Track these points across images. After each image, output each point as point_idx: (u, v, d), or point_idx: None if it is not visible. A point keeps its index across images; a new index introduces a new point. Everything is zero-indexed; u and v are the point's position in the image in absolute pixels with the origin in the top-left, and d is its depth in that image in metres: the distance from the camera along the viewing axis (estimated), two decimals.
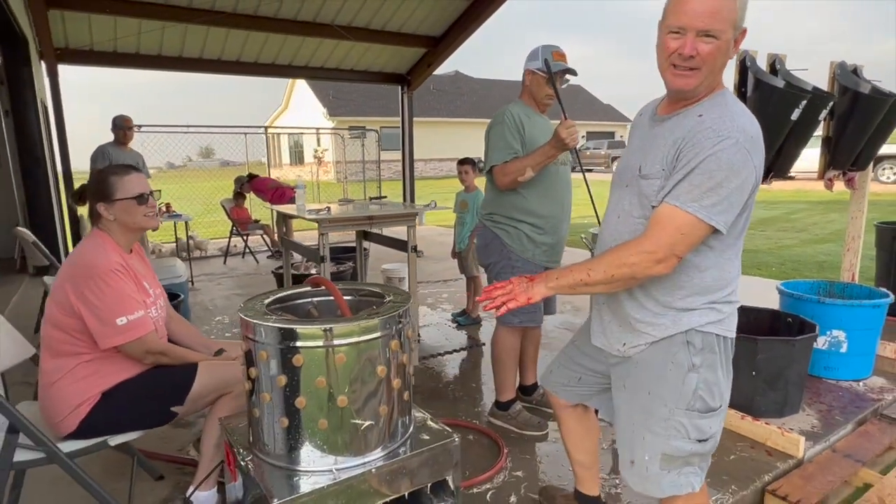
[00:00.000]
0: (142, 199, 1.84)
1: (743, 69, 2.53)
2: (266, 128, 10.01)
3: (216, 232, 9.28)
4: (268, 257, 7.33)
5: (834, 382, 3.04)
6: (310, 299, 1.88)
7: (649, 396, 1.46)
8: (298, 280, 3.86)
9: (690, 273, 1.39)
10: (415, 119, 9.99)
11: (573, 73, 2.35)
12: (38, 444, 1.65)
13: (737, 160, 1.26)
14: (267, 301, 1.67)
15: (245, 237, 7.23)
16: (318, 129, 15.19)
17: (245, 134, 9.36)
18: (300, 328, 1.44)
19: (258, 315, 1.53)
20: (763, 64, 2.73)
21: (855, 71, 3.03)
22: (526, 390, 2.84)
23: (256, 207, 8.14)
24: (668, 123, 1.42)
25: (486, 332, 4.18)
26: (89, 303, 1.68)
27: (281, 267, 4.12)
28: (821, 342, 3.03)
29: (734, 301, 1.44)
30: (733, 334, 1.46)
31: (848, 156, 3.02)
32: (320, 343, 1.43)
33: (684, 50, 1.30)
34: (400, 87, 9.64)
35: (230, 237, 7.30)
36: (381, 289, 1.84)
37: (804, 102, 2.43)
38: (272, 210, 8.18)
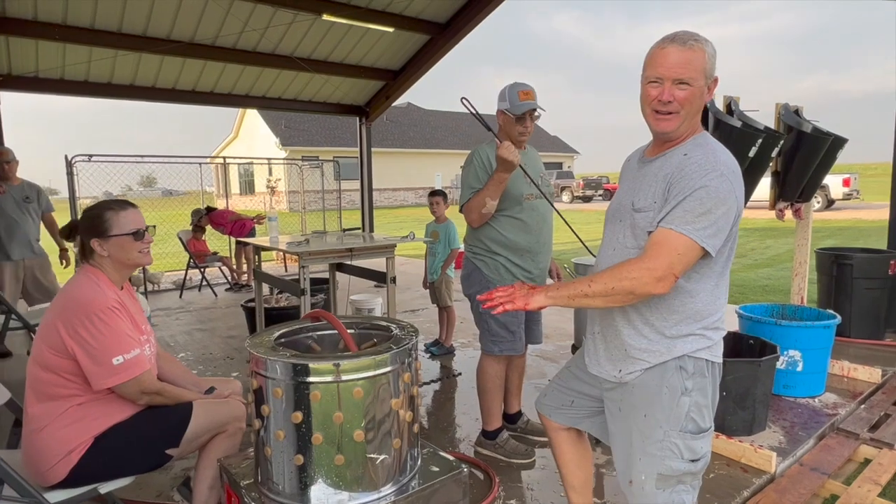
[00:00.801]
0: (138, 234, 1.80)
1: (704, 110, 2.74)
2: (224, 158, 9.80)
3: (167, 264, 8.95)
4: (226, 290, 7.12)
5: (792, 400, 3.24)
6: (310, 334, 1.88)
7: (645, 419, 1.54)
8: (271, 314, 3.79)
9: (683, 299, 1.50)
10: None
11: (538, 110, 2.44)
12: (23, 495, 1.55)
13: (722, 189, 1.40)
14: (274, 336, 1.66)
15: (202, 270, 7.01)
16: (269, 159, 15.03)
17: (200, 164, 9.13)
18: (317, 364, 1.44)
19: (270, 351, 1.52)
20: (720, 105, 2.97)
21: (796, 111, 3.33)
22: (510, 418, 2.88)
23: (214, 239, 7.94)
24: (656, 163, 1.56)
25: (460, 361, 4.21)
26: (84, 341, 1.62)
27: (251, 300, 4.03)
28: (780, 362, 3.23)
29: (721, 328, 1.56)
30: (721, 360, 1.57)
31: (795, 189, 3.29)
32: (337, 378, 1.44)
33: (663, 96, 1.47)
34: (358, 119, 9.72)
35: (187, 270, 7.06)
36: (380, 321, 1.87)
37: (759, 141, 2.66)
38: (230, 242, 8.03)
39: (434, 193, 4.43)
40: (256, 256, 3.66)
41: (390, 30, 7.27)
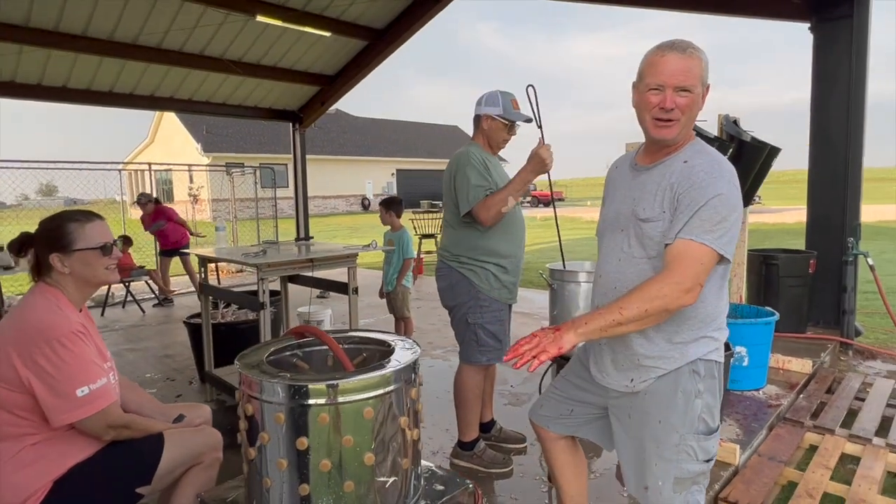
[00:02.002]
0: (106, 249, 1.60)
1: None
2: (150, 164, 9.15)
3: None
4: (154, 305, 6.63)
5: (740, 393, 3.44)
6: (295, 351, 1.76)
7: (660, 425, 1.55)
8: (219, 330, 3.54)
9: (695, 304, 1.52)
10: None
11: (530, 120, 2.47)
12: None
13: (733, 197, 1.45)
14: (265, 356, 1.54)
15: (127, 285, 6.48)
16: (190, 165, 14.20)
17: (120, 171, 8.48)
18: (323, 384, 1.34)
19: (266, 373, 1.40)
20: None
21: (735, 122, 3.56)
22: (484, 427, 2.84)
23: (138, 253, 7.38)
24: (655, 171, 1.58)
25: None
26: (43, 372, 1.42)
27: (194, 316, 3.75)
28: None
29: (725, 329, 1.60)
30: (723, 359, 1.62)
31: None
32: (347, 398, 1.34)
33: (665, 104, 1.48)
34: (292, 125, 9.41)
35: (109, 286, 6.49)
36: (363, 333, 1.79)
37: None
38: (156, 254, 7.49)
39: (389, 202, 4.34)
40: (202, 269, 3.41)
41: (327, 34, 7.09)
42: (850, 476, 2.53)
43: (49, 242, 1.56)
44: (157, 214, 6.97)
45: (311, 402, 1.33)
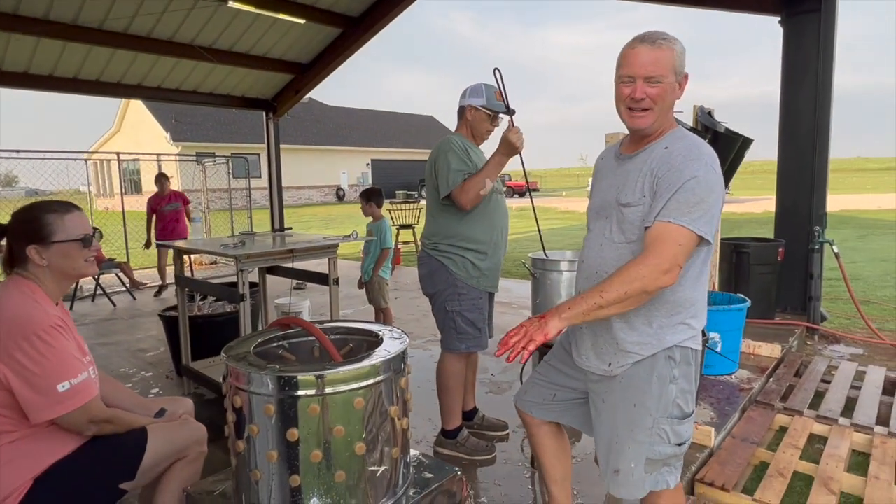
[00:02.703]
0: (86, 240, 1.56)
1: None
2: (118, 154, 8.88)
3: None
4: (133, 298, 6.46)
5: (713, 378, 3.53)
6: (281, 342, 1.74)
7: (635, 409, 1.60)
8: (197, 322, 3.48)
9: (674, 288, 1.56)
10: None
11: (513, 112, 2.51)
12: None
13: (711, 179, 1.48)
14: (252, 347, 1.52)
15: (97, 278, 6.30)
16: (159, 154, 13.83)
17: (86, 160, 8.22)
18: (313, 375, 1.34)
19: (255, 365, 1.39)
20: None
21: (710, 113, 3.63)
22: (467, 415, 2.87)
23: (107, 245, 7.18)
24: (637, 158, 1.61)
25: None
26: (22, 368, 1.38)
27: (169, 309, 3.68)
28: None
29: (702, 318, 1.65)
30: (700, 347, 1.67)
31: None
32: (339, 388, 1.34)
33: (635, 94, 1.53)
34: (265, 113, 9.24)
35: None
36: (347, 324, 1.78)
37: None
38: (127, 247, 7.30)
39: (364, 194, 4.31)
40: (178, 261, 3.34)
41: (301, 21, 6.97)
42: (819, 455, 2.64)
43: (26, 234, 1.51)
44: (175, 196, 6.63)
45: (301, 393, 1.32)
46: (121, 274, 6.56)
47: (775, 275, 4.68)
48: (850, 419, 2.93)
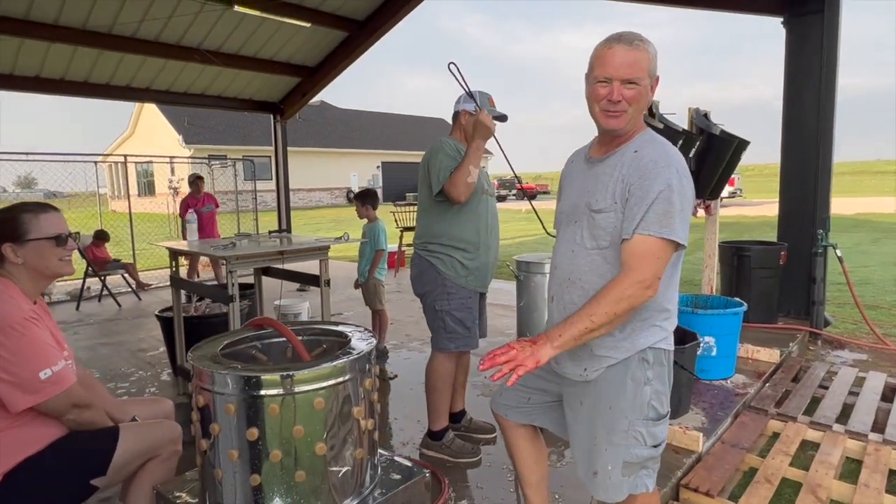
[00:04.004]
0: (60, 239, 1.59)
1: None
2: (125, 157, 9.02)
3: None
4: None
5: (708, 383, 3.50)
6: (254, 343, 1.76)
7: (610, 411, 1.59)
8: (191, 323, 3.52)
9: None
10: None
11: (505, 118, 2.56)
12: None
13: (683, 185, 1.48)
14: (219, 348, 1.54)
15: (103, 278, 6.40)
16: (172, 157, 14.04)
17: (95, 163, 8.36)
18: (273, 375, 1.35)
19: (217, 364, 1.40)
20: None
21: (706, 115, 3.59)
22: (455, 417, 2.87)
23: (114, 247, 7.29)
24: (607, 162, 1.60)
25: (395, 364, 4.15)
26: (0, 359, 1.41)
27: (166, 310, 3.72)
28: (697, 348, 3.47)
29: (674, 319, 1.63)
30: (673, 347, 1.65)
31: (706, 187, 3.55)
32: (296, 389, 1.35)
33: (612, 96, 1.51)
34: (272, 116, 9.33)
35: (84, 279, 6.41)
36: (328, 325, 1.79)
37: (680, 141, 2.84)
38: (133, 248, 7.41)
39: (361, 196, 4.34)
40: (173, 262, 3.38)
41: (306, 25, 7.02)
42: (810, 462, 2.59)
43: (2, 233, 1.55)
44: (208, 198, 6.67)
45: (261, 392, 1.33)
46: (126, 275, 6.66)
47: (777, 279, 4.61)
48: (844, 425, 2.87)
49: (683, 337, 3.20)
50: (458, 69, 2.37)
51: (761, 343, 4.03)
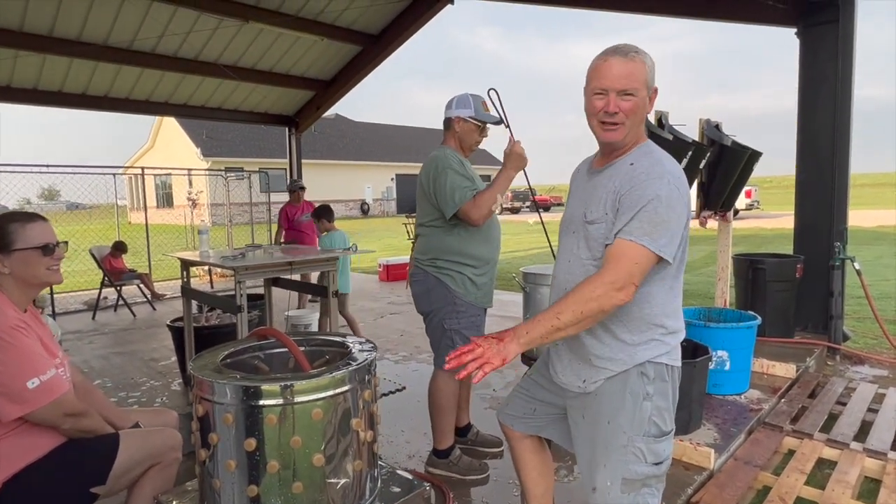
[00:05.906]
0: (47, 249, 1.61)
1: None
2: (143, 169, 9.19)
3: (75, 283, 8.24)
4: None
5: (722, 397, 3.42)
6: (257, 353, 1.76)
7: (609, 426, 1.56)
8: (202, 333, 3.55)
9: (640, 304, 1.53)
10: None
11: (500, 122, 2.50)
12: None
13: (673, 197, 1.45)
14: (220, 358, 1.54)
15: (118, 288, 6.50)
16: (189, 169, 14.27)
17: (114, 175, 8.53)
18: (271, 385, 1.35)
19: (217, 374, 1.41)
20: (651, 118, 3.12)
21: (717, 126, 3.56)
22: (461, 432, 2.83)
23: (131, 257, 7.41)
24: (604, 173, 1.59)
25: (402, 375, 4.13)
26: None
27: (177, 319, 3.76)
28: (710, 362, 3.40)
29: (679, 333, 1.60)
30: (679, 363, 1.62)
31: (718, 198, 3.51)
32: (295, 399, 1.34)
33: (608, 108, 1.50)
34: (287, 129, 9.45)
35: (101, 289, 6.51)
36: (331, 336, 1.79)
37: (690, 153, 2.81)
38: (149, 258, 7.52)
39: (314, 214, 4.67)
40: (185, 272, 3.42)
41: (321, 39, 7.14)
42: (826, 480, 2.52)
43: None
44: (307, 207, 6.47)
45: (259, 403, 1.33)
46: (142, 285, 6.75)
47: (793, 292, 4.52)
48: (862, 443, 2.79)
49: (695, 350, 3.14)
50: (497, 95, 2.35)
51: (777, 358, 3.94)
